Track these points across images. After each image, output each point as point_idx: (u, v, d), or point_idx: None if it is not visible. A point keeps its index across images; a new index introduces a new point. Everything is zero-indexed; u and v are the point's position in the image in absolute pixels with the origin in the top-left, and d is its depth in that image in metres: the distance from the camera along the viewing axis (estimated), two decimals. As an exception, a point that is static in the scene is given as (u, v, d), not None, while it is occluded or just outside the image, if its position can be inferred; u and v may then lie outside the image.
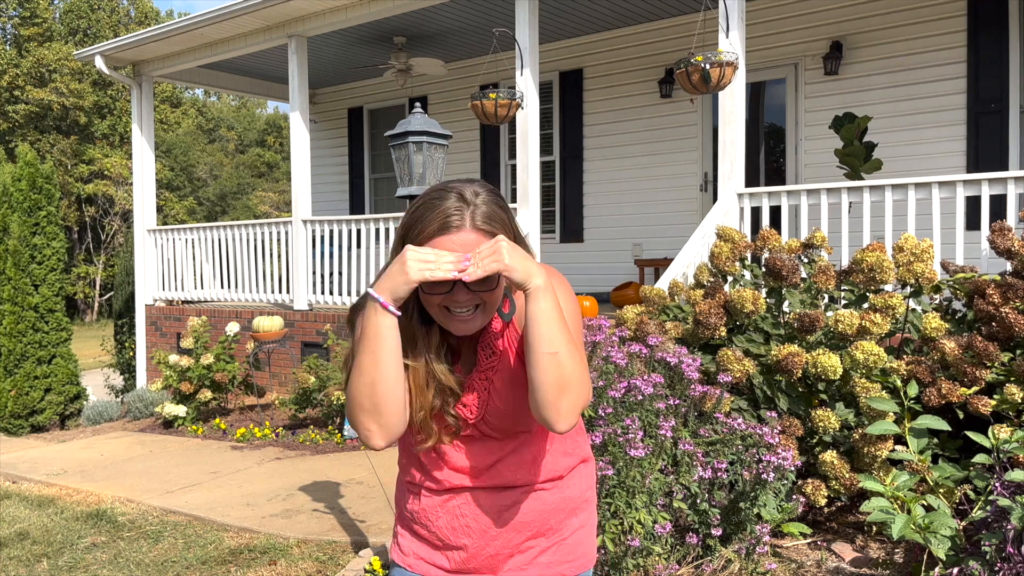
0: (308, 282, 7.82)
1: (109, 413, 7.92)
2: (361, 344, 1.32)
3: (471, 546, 1.48)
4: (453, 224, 1.31)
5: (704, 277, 4.11)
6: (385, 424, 1.33)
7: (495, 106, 5.67)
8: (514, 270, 1.27)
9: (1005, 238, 3.70)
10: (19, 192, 8.04)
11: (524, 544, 1.49)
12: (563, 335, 1.30)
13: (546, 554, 1.51)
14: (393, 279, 1.28)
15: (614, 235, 8.51)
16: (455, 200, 1.32)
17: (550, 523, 1.51)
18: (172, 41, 8.30)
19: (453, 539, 1.48)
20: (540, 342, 1.29)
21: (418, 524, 1.52)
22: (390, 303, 1.29)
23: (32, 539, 4.33)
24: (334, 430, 6.23)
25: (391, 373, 1.31)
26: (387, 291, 1.28)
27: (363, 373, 1.31)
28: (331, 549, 3.91)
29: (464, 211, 1.32)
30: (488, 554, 1.48)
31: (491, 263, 1.26)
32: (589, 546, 1.57)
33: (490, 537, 1.47)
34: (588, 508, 1.58)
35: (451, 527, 1.48)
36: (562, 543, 1.52)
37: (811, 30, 7.27)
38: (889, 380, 3.33)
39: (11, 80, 26.62)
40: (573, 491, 1.54)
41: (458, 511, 1.48)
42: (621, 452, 2.90)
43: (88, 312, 27.87)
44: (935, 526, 2.74)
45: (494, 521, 1.47)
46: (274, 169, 37.00)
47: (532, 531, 1.49)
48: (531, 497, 1.49)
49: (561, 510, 1.52)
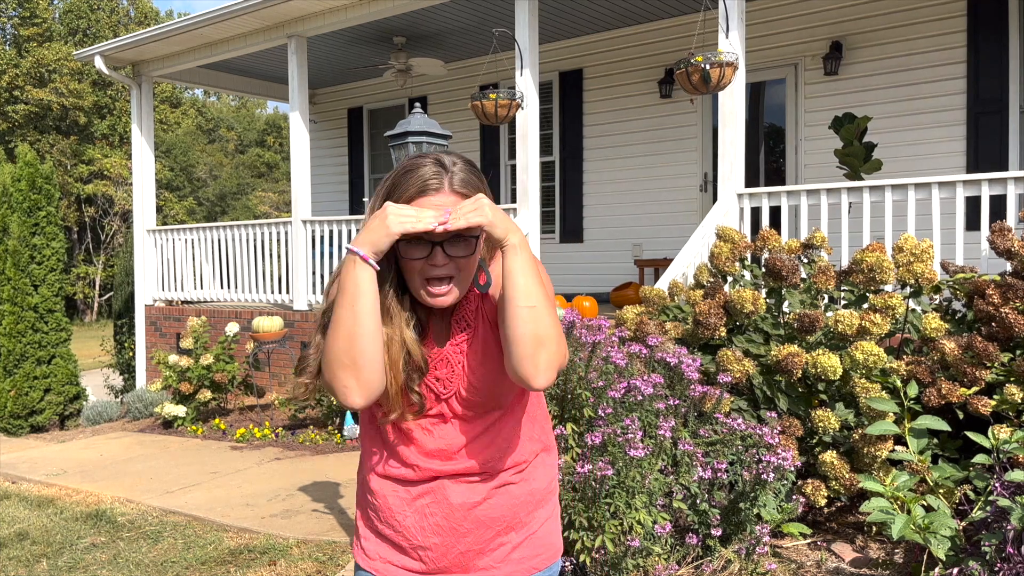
0: (308, 282, 7.82)
1: (109, 413, 7.92)
2: (339, 299, 1.32)
3: (440, 545, 1.46)
4: (432, 187, 1.35)
5: (704, 277, 4.11)
6: (364, 380, 1.32)
7: (495, 106, 5.67)
8: (495, 224, 1.31)
9: (1005, 238, 3.70)
10: (19, 192, 8.04)
11: (495, 541, 1.48)
12: (540, 290, 1.32)
13: (518, 550, 1.50)
14: (374, 232, 1.30)
15: (614, 235, 8.51)
16: (433, 166, 1.37)
17: (519, 516, 1.50)
18: (172, 41, 8.30)
19: (421, 538, 1.46)
20: (518, 295, 1.31)
21: (383, 524, 1.50)
22: (370, 255, 1.30)
23: (32, 539, 4.32)
24: (334, 430, 6.23)
25: (369, 326, 1.31)
26: (368, 244, 1.30)
27: (341, 327, 1.31)
28: (331, 549, 3.91)
29: (443, 175, 1.36)
30: (458, 551, 1.46)
31: (473, 215, 1.30)
32: (556, 536, 1.58)
33: (460, 534, 1.46)
34: (552, 498, 1.58)
35: (419, 526, 1.46)
36: (532, 537, 1.51)
37: (811, 30, 7.27)
38: (889, 380, 3.33)
39: (11, 80, 26.62)
40: (539, 483, 1.53)
41: (426, 509, 1.46)
42: (621, 452, 2.90)
43: (88, 312, 27.88)
44: (935, 526, 2.74)
45: (463, 518, 1.46)
46: (274, 169, 37.00)
47: (502, 526, 1.48)
48: (499, 492, 1.48)
49: (529, 503, 1.51)
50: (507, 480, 1.49)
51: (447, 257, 1.35)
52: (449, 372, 1.44)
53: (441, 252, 1.35)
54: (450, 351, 1.45)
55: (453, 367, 1.44)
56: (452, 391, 1.45)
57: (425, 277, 1.37)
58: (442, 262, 1.35)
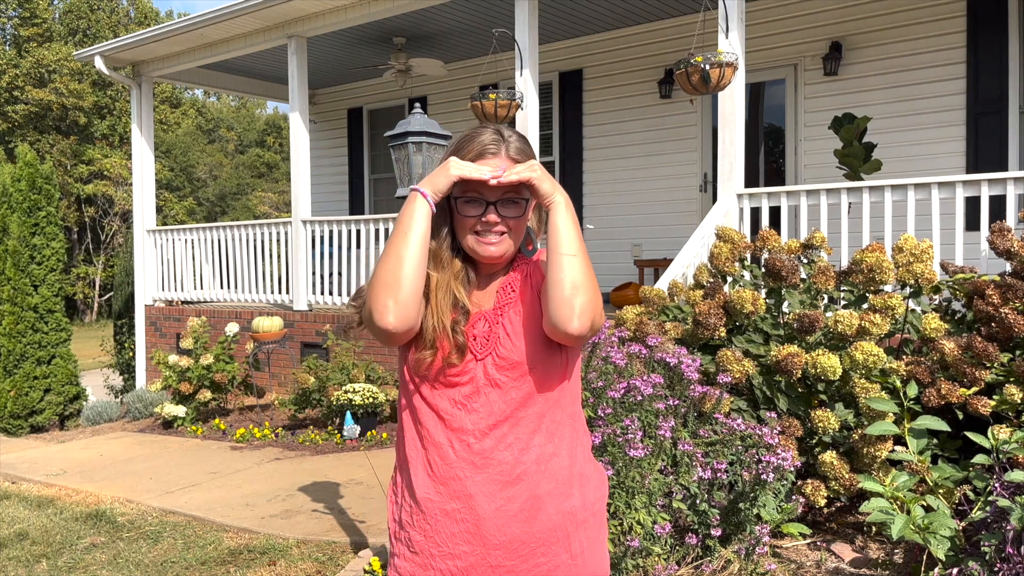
0: (308, 282, 7.82)
1: (108, 413, 7.92)
2: (396, 228, 1.46)
3: (469, 555, 1.44)
4: (490, 151, 1.49)
5: (704, 278, 4.11)
6: (402, 302, 1.42)
7: (495, 107, 5.67)
8: (543, 180, 1.46)
9: (1004, 239, 3.70)
10: (19, 192, 8.04)
11: (531, 560, 1.45)
12: (579, 244, 1.45)
13: (557, 573, 1.47)
14: (435, 176, 1.47)
15: (614, 235, 8.51)
16: (492, 134, 1.52)
17: (556, 536, 1.47)
18: (172, 41, 8.30)
19: (450, 545, 1.45)
20: (561, 244, 1.43)
21: (415, 528, 1.48)
22: (429, 194, 1.46)
23: (31, 539, 4.32)
24: (334, 430, 6.23)
25: (416, 253, 1.44)
26: (428, 183, 1.47)
27: (392, 250, 1.44)
28: (330, 549, 3.91)
29: (500, 143, 1.51)
30: (488, 565, 1.44)
31: (525, 171, 1.45)
32: (602, 562, 1.53)
33: (491, 546, 1.43)
34: (596, 520, 1.54)
35: (450, 531, 1.45)
36: (573, 564, 1.48)
37: (811, 30, 7.27)
38: (889, 381, 3.33)
39: (11, 80, 26.61)
40: (577, 501, 1.50)
41: (458, 515, 1.45)
42: (620, 452, 2.90)
43: (88, 312, 27.87)
44: (935, 527, 2.74)
45: (496, 527, 1.43)
46: (274, 169, 36.99)
47: (538, 543, 1.45)
48: (533, 501, 1.45)
49: (567, 523, 1.48)
50: (541, 492, 1.46)
51: (499, 216, 1.48)
52: (488, 332, 1.50)
53: (494, 210, 1.48)
54: (491, 313, 1.51)
55: (492, 328, 1.50)
56: (489, 351, 1.48)
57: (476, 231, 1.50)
58: (494, 220, 1.48)
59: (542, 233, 1.59)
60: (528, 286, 1.54)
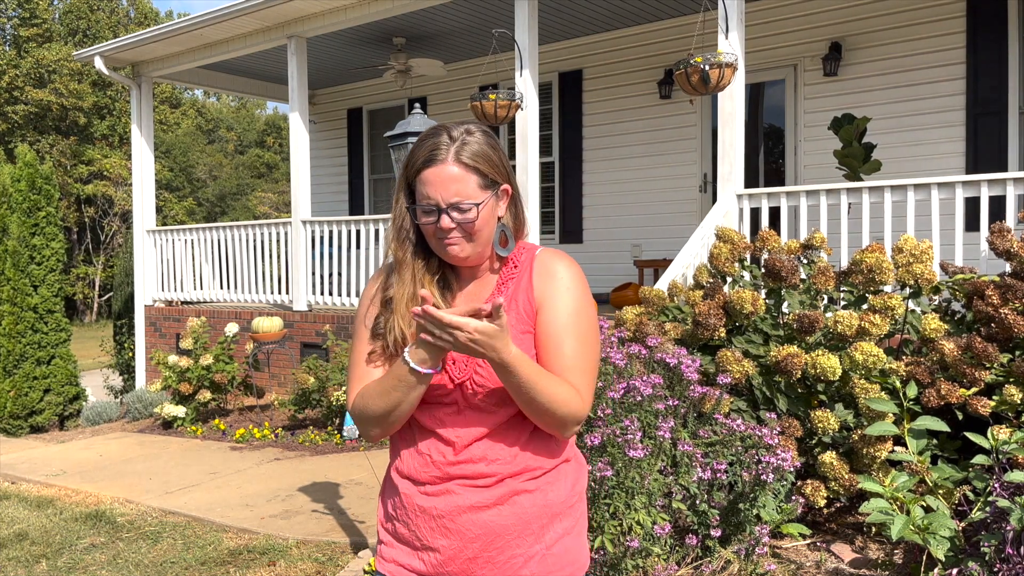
0: (307, 283, 7.82)
1: (108, 414, 7.91)
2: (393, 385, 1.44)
3: (447, 548, 1.46)
4: (438, 158, 1.45)
5: (703, 278, 4.11)
6: (388, 432, 1.52)
7: (494, 107, 5.67)
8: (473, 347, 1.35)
9: (1004, 239, 3.71)
10: (18, 193, 8.04)
11: (506, 552, 1.46)
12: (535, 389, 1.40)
13: (531, 564, 1.47)
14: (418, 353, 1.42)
15: (613, 236, 8.51)
16: (443, 136, 1.47)
17: (531, 528, 1.47)
18: (171, 42, 8.30)
19: (430, 539, 1.47)
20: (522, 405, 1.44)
21: (399, 522, 1.52)
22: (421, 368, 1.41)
23: (31, 540, 4.32)
24: (333, 431, 6.23)
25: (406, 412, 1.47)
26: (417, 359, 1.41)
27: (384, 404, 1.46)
28: (330, 550, 3.91)
29: (448, 147, 1.46)
30: (465, 558, 1.46)
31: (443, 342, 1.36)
32: (578, 553, 1.54)
33: (468, 539, 1.45)
34: (573, 513, 1.54)
35: (429, 526, 1.47)
36: (547, 554, 1.49)
37: (810, 31, 7.27)
38: (888, 381, 3.33)
39: (10, 81, 26.60)
40: (556, 494, 1.51)
41: (435, 510, 1.47)
42: (620, 453, 2.90)
43: (87, 313, 27.87)
44: (934, 527, 2.74)
45: (471, 522, 1.45)
46: (273, 170, 36.98)
47: (512, 536, 1.46)
48: (510, 498, 1.46)
49: (543, 514, 1.49)
50: (519, 488, 1.47)
51: (452, 221, 1.45)
52: (465, 356, 1.47)
53: (446, 217, 1.45)
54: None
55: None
56: (467, 376, 1.46)
57: (438, 237, 1.49)
58: (447, 226, 1.46)
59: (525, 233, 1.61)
60: (512, 307, 1.51)
